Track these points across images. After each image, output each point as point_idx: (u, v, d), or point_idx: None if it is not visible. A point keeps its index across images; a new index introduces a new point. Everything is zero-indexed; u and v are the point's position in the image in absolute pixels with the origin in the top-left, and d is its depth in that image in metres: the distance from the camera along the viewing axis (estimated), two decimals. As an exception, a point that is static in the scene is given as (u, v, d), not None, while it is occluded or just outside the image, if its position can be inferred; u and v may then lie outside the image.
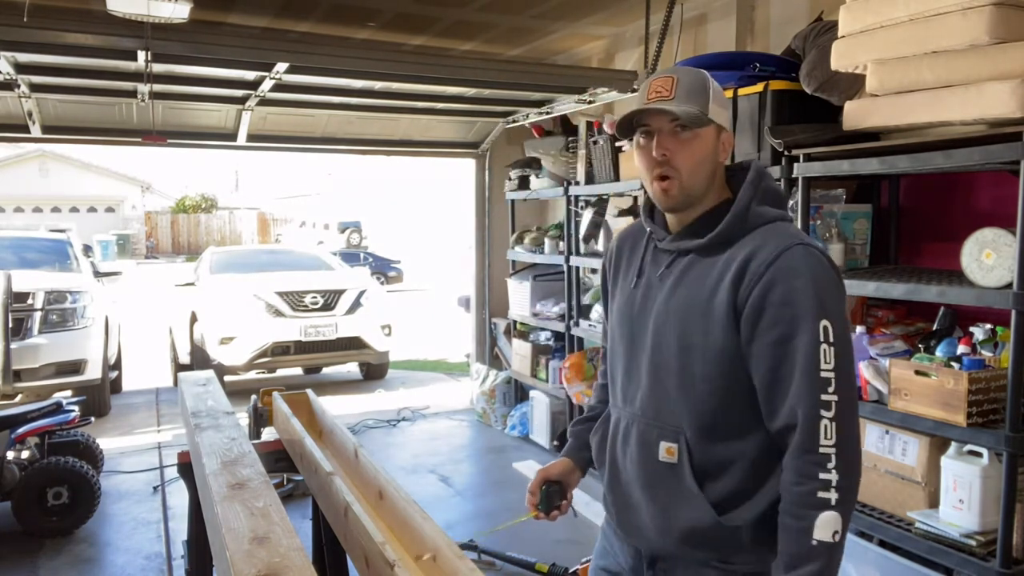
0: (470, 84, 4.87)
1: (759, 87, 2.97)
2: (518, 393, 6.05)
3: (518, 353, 5.73)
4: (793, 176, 2.85)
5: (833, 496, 1.26)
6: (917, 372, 2.37)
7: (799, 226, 2.81)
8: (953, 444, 2.34)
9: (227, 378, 6.99)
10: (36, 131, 5.18)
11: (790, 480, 1.30)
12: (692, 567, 1.44)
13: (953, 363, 2.34)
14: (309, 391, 3.07)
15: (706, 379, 1.39)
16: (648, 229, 1.55)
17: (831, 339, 1.30)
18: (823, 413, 1.28)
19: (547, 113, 5.49)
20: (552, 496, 1.67)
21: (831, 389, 1.29)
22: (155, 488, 4.78)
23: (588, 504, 4.13)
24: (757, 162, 1.51)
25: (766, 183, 1.46)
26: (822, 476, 1.27)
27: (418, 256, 22.19)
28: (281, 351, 7.14)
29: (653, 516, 1.45)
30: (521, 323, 5.87)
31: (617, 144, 4.18)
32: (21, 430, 3.97)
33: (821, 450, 1.28)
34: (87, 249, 8.61)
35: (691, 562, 1.44)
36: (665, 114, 1.40)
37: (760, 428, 1.38)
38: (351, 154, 6.75)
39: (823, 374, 1.29)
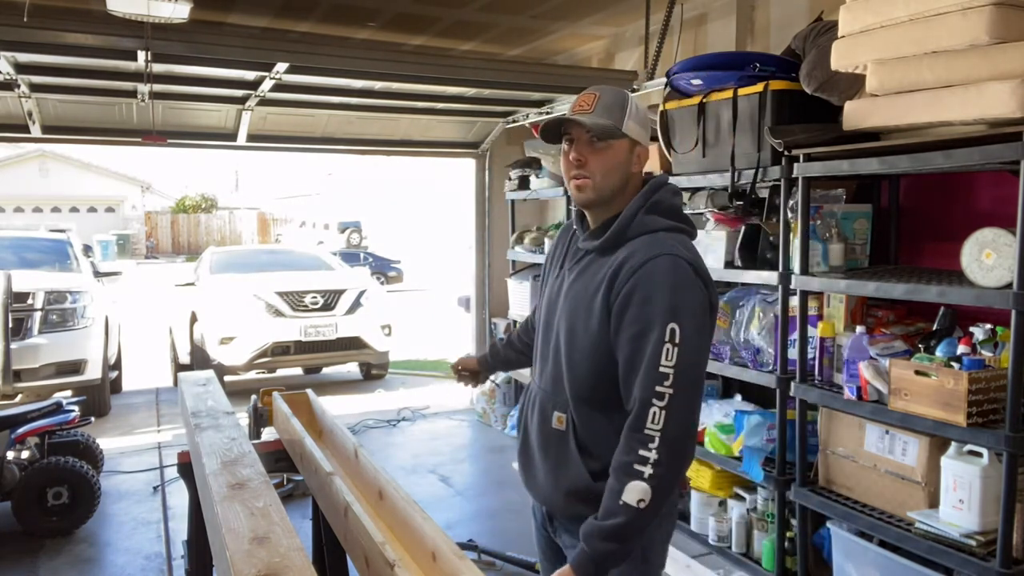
0: (470, 84, 4.87)
1: (759, 87, 2.97)
2: (518, 393, 6.05)
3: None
4: (793, 176, 2.85)
5: (648, 471, 1.47)
6: (917, 372, 2.37)
7: (799, 227, 2.81)
8: (953, 444, 2.34)
9: (227, 378, 6.99)
10: (36, 131, 5.18)
11: (619, 449, 1.52)
12: (574, 524, 1.63)
13: (953, 363, 2.34)
14: (309, 391, 3.07)
15: (584, 362, 1.63)
16: (574, 228, 1.79)
17: (676, 340, 1.49)
18: (655, 401, 1.48)
19: (547, 113, 5.49)
20: (464, 378, 2.27)
21: (667, 383, 1.48)
22: (155, 488, 4.78)
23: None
24: (660, 177, 1.72)
25: (658, 196, 1.66)
26: (642, 452, 1.48)
27: (418, 256, 22.19)
28: (281, 351, 7.13)
29: (546, 475, 1.72)
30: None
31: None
32: (21, 430, 3.97)
33: (646, 431, 1.48)
34: (87, 249, 8.61)
35: (573, 517, 1.66)
36: (582, 125, 1.64)
37: (623, 410, 1.57)
38: (351, 154, 6.75)
39: (662, 369, 1.49)
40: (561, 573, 1.53)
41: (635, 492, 1.46)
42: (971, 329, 2.54)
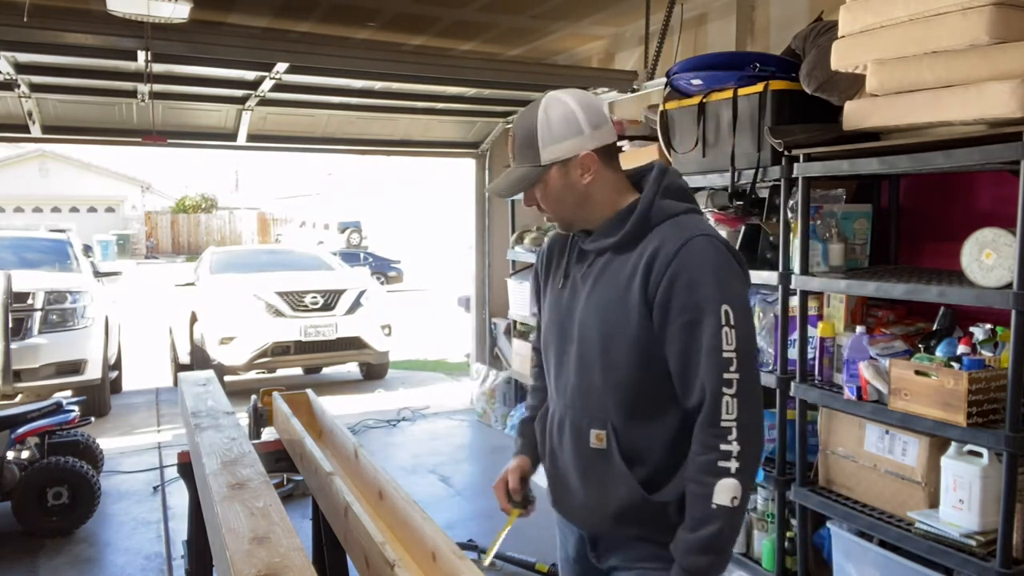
0: (470, 84, 4.87)
1: (759, 87, 2.97)
2: (518, 393, 6.05)
3: (518, 353, 5.73)
4: (793, 176, 2.85)
5: (733, 465, 1.38)
6: (917, 372, 2.36)
7: (799, 227, 2.81)
8: (953, 444, 2.34)
9: (227, 378, 6.99)
10: (36, 131, 5.18)
11: (695, 451, 1.43)
12: (627, 543, 1.55)
13: (953, 363, 2.34)
14: (309, 391, 3.07)
15: (626, 366, 1.50)
16: (571, 233, 1.66)
17: (732, 322, 1.41)
18: (725, 390, 1.40)
19: (547, 113, 5.48)
20: (527, 493, 1.77)
21: (732, 369, 1.40)
22: (155, 488, 4.78)
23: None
24: (660, 162, 1.63)
25: (668, 180, 1.57)
26: (723, 447, 1.39)
27: (418, 256, 22.19)
28: (281, 351, 7.14)
29: (589, 499, 1.57)
30: (521, 323, 5.87)
31: (617, 144, 4.18)
32: (21, 430, 3.97)
33: (723, 424, 1.39)
34: (87, 249, 8.61)
35: (625, 539, 1.56)
36: (501, 194, 1.61)
37: (675, 409, 1.49)
38: (351, 154, 6.75)
39: (725, 354, 1.40)
40: None
41: (727, 491, 1.38)
42: (971, 329, 2.54)
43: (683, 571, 1.41)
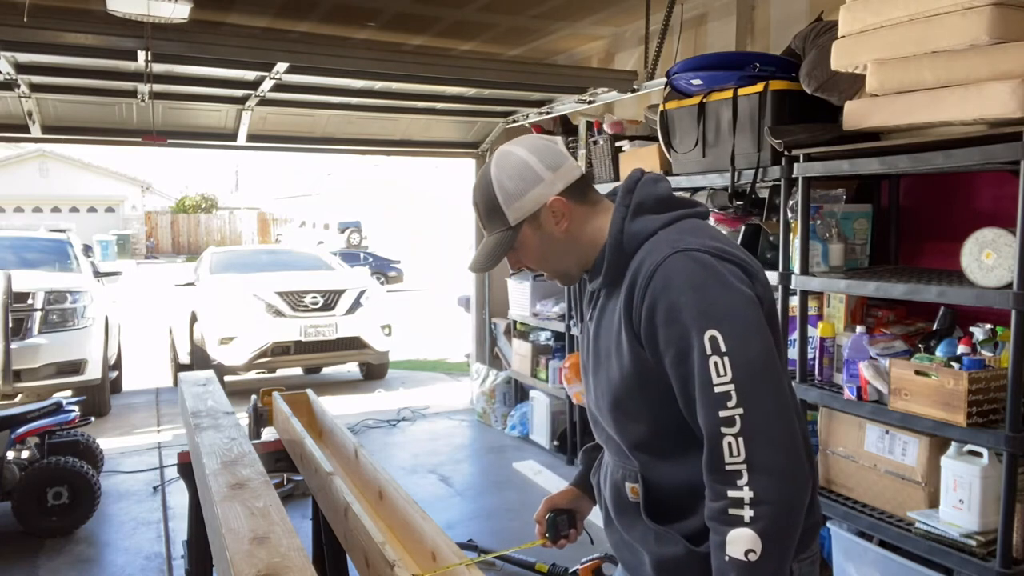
0: (470, 84, 4.87)
1: (759, 87, 2.97)
2: (518, 393, 6.05)
3: (518, 353, 5.73)
4: (793, 176, 2.85)
5: (747, 513, 1.19)
6: (917, 372, 2.37)
7: (799, 227, 2.81)
8: (953, 444, 2.34)
9: (227, 378, 6.99)
10: (36, 131, 5.18)
11: (707, 496, 1.26)
12: None
13: (953, 363, 2.34)
14: (309, 391, 3.07)
15: (636, 412, 1.36)
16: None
17: (722, 349, 1.21)
18: (724, 430, 1.21)
19: (547, 113, 5.49)
20: (559, 525, 1.64)
21: (730, 404, 1.20)
22: (155, 488, 4.78)
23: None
24: (632, 174, 1.45)
25: (638, 196, 1.40)
26: (731, 494, 1.20)
27: (418, 256, 22.19)
28: (281, 351, 7.14)
29: (640, 553, 1.44)
30: (521, 323, 5.87)
31: (617, 144, 4.18)
32: (21, 430, 3.97)
33: (727, 468, 1.21)
34: (87, 249, 8.61)
35: None
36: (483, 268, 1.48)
37: (699, 449, 1.29)
38: (351, 154, 6.75)
39: (717, 389, 1.21)
40: None
41: (739, 542, 1.19)
42: (971, 329, 2.54)
43: None
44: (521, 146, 1.43)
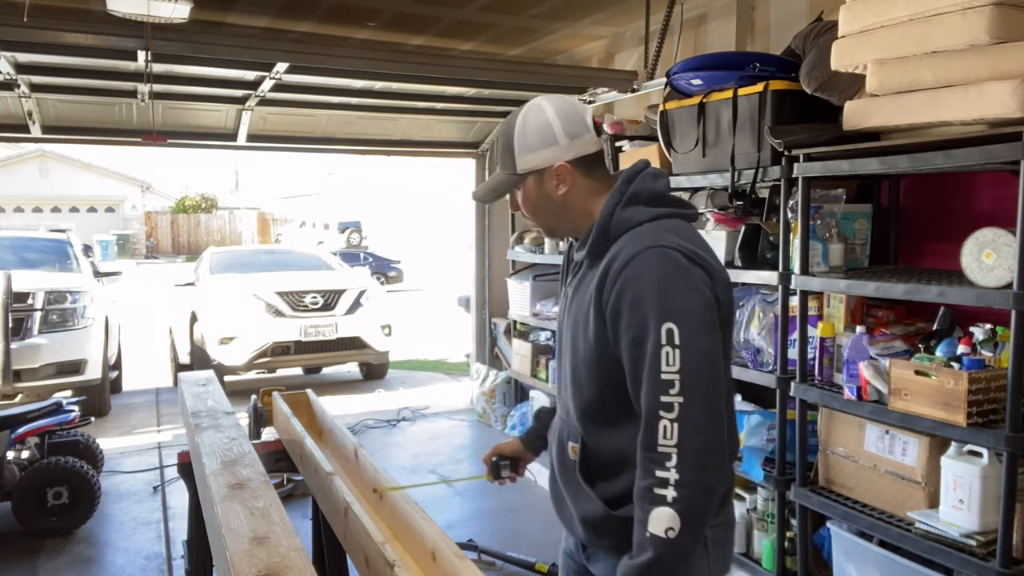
0: (470, 84, 4.87)
1: (759, 87, 2.97)
2: (518, 393, 6.05)
3: (518, 353, 5.73)
4: (793, 176, 2.85)
5: (670, 494, 1.30)
6: (917, 372, 2.37)
7: (799, 227, 2.81)
8: (953, 444, 2.34)
9: (227, 378, 6.99)
10: (36, 131, 5.18)
11: (637, 474, 1.37)
12: (607, 553, 1.52)
13: (953, 363, 2.34)
14: (309, 391, 3.07)
15: (588, 380, 1.49)
16: (570, 242, 1.69)
17: (676, 341, 1.32)
18: (663, 414, 1.32)
19: (547, 113, 5.47)
20: (500, 467, 1.91)
21: (673, 391, 1.32)
22: (155, 488, 4.78)
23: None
24: (636, 164, 1.55)
25: (636, 186, 1.50)
26: (659, 474, 1.31)
27: (418, 256, 22.19)
28: (281, 351, 7.14)
29: (571, 507, 1.58)
30: (521, 323, 5.87)
31: (617, 144, 4.18)
32: (21, 430, 3.97)
33: (660, 449, 1.32)
34: (87, 249, 8.62)
35: (601, 548, 1.55)
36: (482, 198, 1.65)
37: (633, 424, 1.41)
38: (351, 154, 6.75)
39: (664, 376, 1.32)
40: None
41: (661, 520, 1.30)
42: (971, 329, 2.54)
43: None
44: (552, 104, 1.54)
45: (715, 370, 1.37)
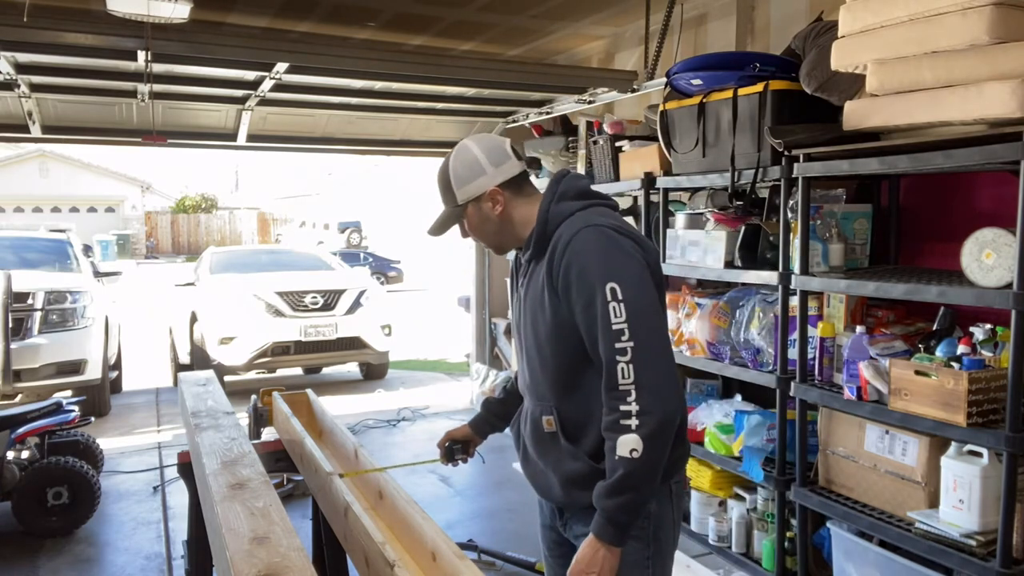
0: (470, 84, 4.87)
1: (759, 87, 2.97)
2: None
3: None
4: (793, 176, 2.85)
5: (633, 422, 1.54)
6: (917, 372, 2.37)
7: (799, 227, 2.81)
8: (953, 444, 2.34)
9: (227, 378, 6.99)
10: (36, 131, 5.18)
11: (603, 413, 1.60)
12: (586, 513, 1.68)
13: (953, 363, 2.34)
14: (309, 391, 3.07)
15: (552, 354, 1.72)
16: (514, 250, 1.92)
17: (620, 297, 1.57)
18: (619, 359, 1.56)
19: (547, 113, 5.49)
20: (453, 451, 2.21)
21: (624, 338, 1.56)
22: (155, 488, 4.78)
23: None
24: (558, 173, 1.83)
25: (562, 187, 1.77)
26: (622, 408, 1.55)
27: (418, 256, 22.19)
28: (281, 351, 7.14)
29: (551, 474, 1.78)
30: (521, 323, 5.86)
31: (617, 144, 4.18)
32: (21, 430, 3.97)
33: (620, 388, 1.56)
34: (87, 249, 8.62)
35: (582, 508, 1.72)
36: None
37: (596, 383, 1.64)
38: (351, 154, 6.75)
39: (615, 327, 1.56)
40: (583, 547, 1.61)
41: (627, 444, 1.53)
42: (971, 329, 2.53)
43: (600, 517, 1.58)
44: (476, 143, 1.81)
45: (657, 317, 1.64)
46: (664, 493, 1.72)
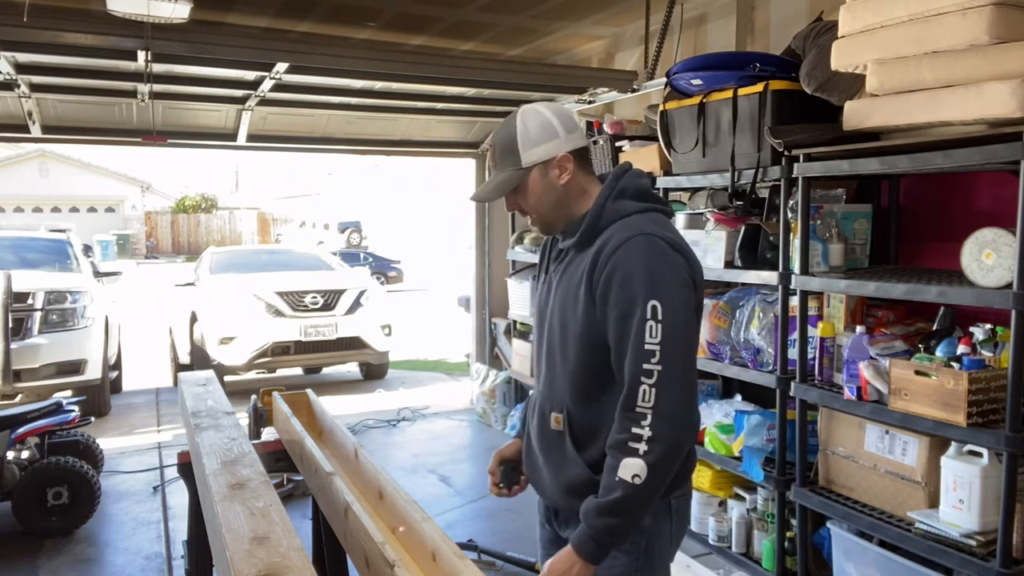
0: (470, 84, 4.87)
1: (759, 87, 2.97)
2: (518, 393, 6.05)
3: (518, 353, 5.72)
4: (793, 176, 2.85)
5: (642, 447, 1.48)
6: (917, 372, 2.37)
7: (799, 227, 2.81)
8: (953, 444, 2.34)
9: (227, 378, 6.99)
10: (36, 131, 5.18)
11: (614, 429, 1.55)
12: (577, 517, 1.62)
13: (953, 363, 2.34)
14: (309, 391, 3.07)
15: (575, 354, 1.64)
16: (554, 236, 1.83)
17: (659, 317, 1.50)
18: (643, 380, 1.50)
19: (547, 113, 5.47)
20: (510, 473, 1.89)
21: (654, 360, 1.50)
22: (155, 488, 4.78)
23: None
24: (623, 164, 1.75)
25: (624, 182, 1.68)
26: (634, 430, 1.49)
27: (418, 256, 22.19)
28: (281, 351, 7.13)
29: (549, 475, 1.73)
30: (521, 323, 5.87)
31: (617, 144, 4.18)
32: (21, 430, 3.97)
33: (638, 409, 1.50)
34: (87, 249, 8.62)
35: (573, 512, 1.65)
36: (483, 198, 1.78)
37: (612, 394, 1.59)
38: (351, 154, 6.75)
39: (647, 346, 1.50)
40: (561, 553, 1.56)
41: (630, 468, 1.48)
42: (971, 329, 2.54)
43: (584, 531, 1.54)
44: (546, 107, 1.72)
45: (690, 343, 1.58)
46: (663, 508, 1.66)
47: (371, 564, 1.64)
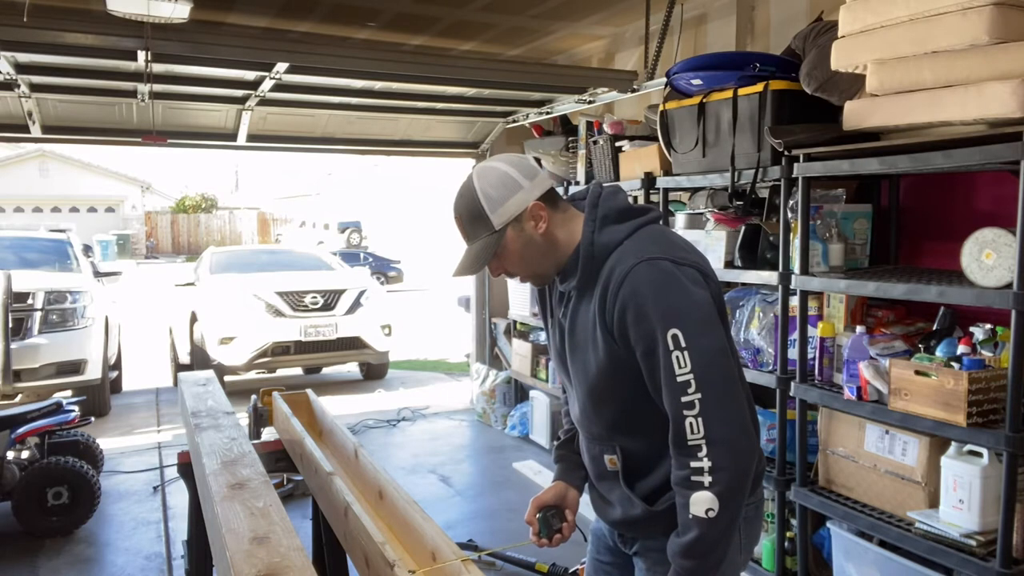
0: (470, 84, 4.87)
1: (759, 87, 2.97)
2: (518, 393, 6.05)
3: (518, 353, 5.73)
4: (793, 176, 2.85)
5: (707, 479, 1.42)
6: (917, 372, 2.37)
7: (799, 227, 2.81)
8: (953, 444, 2.34)
9: (227, 378, 6.99)
10: (36, 131, 5.18)
11: (673, 466, 1.49)
12: (651, 539, 1.65)
13: (953, 363, 2.34)
14: (309, 391, 3.07)
15: (609, 396, 1.59)
16: None
17: (682, 344, 1.43)
18: (686, 413, 1.43)
19: (547, 113, 5.49)
20: (550, 521, 1.75)
21: (691, 390, 1.43)
22: (155, 488, 4.78)
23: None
24: (592, 191, 1.63)
25: (602, 209, 1.59)
26: (693, 464, 1.44)
27: (418, 256, 22.18)
28: (281, 351, 7.14)
29: (613, 507, 1.69)
30: (521, 323, 5.87)
31: (617, 144, 4.18)
32: (21, 430, 3.97)
33: (690, 443, 1.44)
34: (87, 249, 8.61)
35: (648, 536, 1.66)
36: (464, 272, 1.64)
37: (659, 425, 1.53)
38: (351, 154, 6.74)
39: (679, 379, 1.43)
40: None
41: (701, 503, 1.43)
42: (971, 329, 2.54)
43: (676, 569, 1.49)
44: (499, 160, 1.62)
45: (724, 360, 1.47)
46: None
47: (371, 564, 1.64)
